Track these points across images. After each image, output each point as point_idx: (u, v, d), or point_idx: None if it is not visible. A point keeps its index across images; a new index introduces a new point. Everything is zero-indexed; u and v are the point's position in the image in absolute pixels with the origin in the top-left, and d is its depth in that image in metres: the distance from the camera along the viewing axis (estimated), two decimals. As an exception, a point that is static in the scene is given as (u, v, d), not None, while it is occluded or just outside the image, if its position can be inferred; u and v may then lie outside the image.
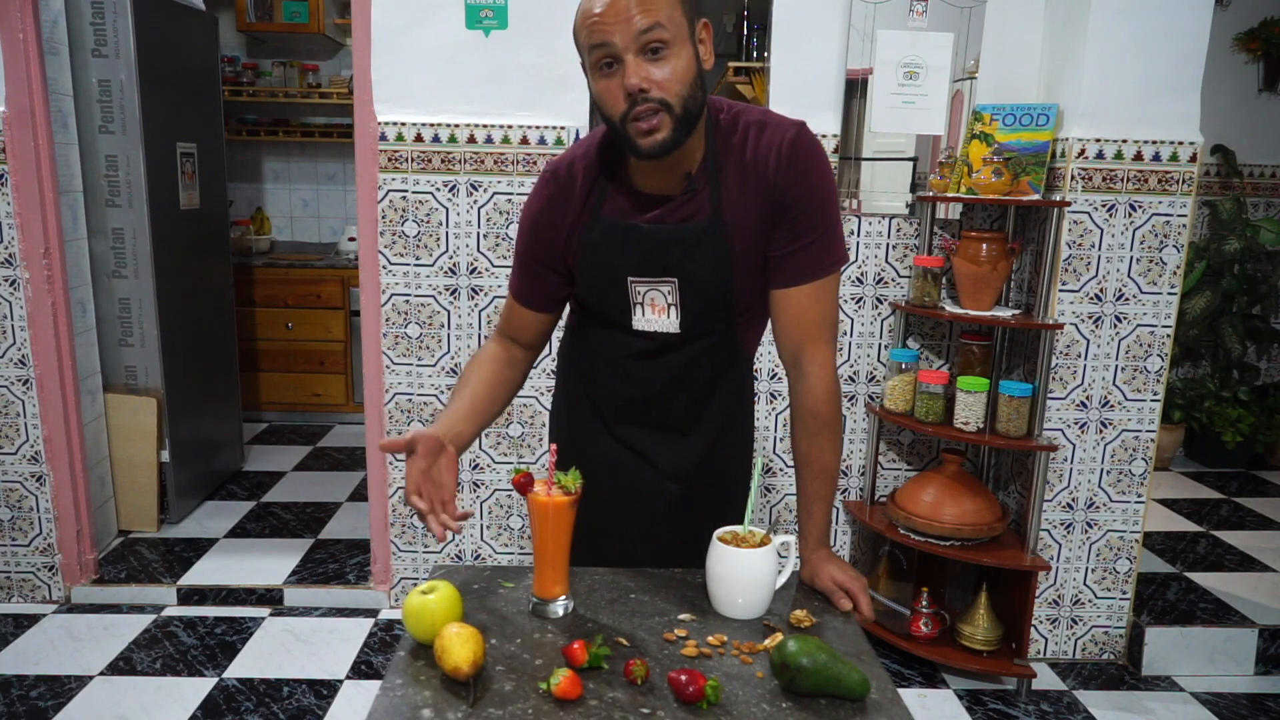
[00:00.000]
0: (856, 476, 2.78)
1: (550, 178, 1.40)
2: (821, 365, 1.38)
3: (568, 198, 1.37)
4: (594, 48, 1.20)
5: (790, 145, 1.30)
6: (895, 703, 1.07)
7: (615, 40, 1.17)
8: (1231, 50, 4.12)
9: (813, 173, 1.31)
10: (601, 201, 1.36)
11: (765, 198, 1.31)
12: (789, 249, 1.33)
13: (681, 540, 1.47)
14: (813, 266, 1.33)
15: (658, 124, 1.20)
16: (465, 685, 1.06)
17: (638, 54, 1.18)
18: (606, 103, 1.22)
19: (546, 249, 1.41)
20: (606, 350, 1.45)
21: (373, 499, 2.81)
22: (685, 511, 1.50)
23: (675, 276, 1.34)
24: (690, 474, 1.49)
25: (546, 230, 1.40)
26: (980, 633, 2.50)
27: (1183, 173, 2.41)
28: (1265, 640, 2.61)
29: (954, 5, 2.49)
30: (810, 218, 1.31)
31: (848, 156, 2.58)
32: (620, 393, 1.47)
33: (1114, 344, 2.49)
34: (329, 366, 4.53)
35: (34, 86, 2.63)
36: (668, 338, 1.39)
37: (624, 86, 1.19)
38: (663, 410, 1.47)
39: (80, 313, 2.96)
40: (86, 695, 2.38)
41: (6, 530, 2.83)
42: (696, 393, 1.46)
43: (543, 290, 1.45)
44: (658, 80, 1.19)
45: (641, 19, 1.16)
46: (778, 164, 1.30)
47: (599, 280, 1.38)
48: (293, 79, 4.73)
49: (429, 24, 2.52)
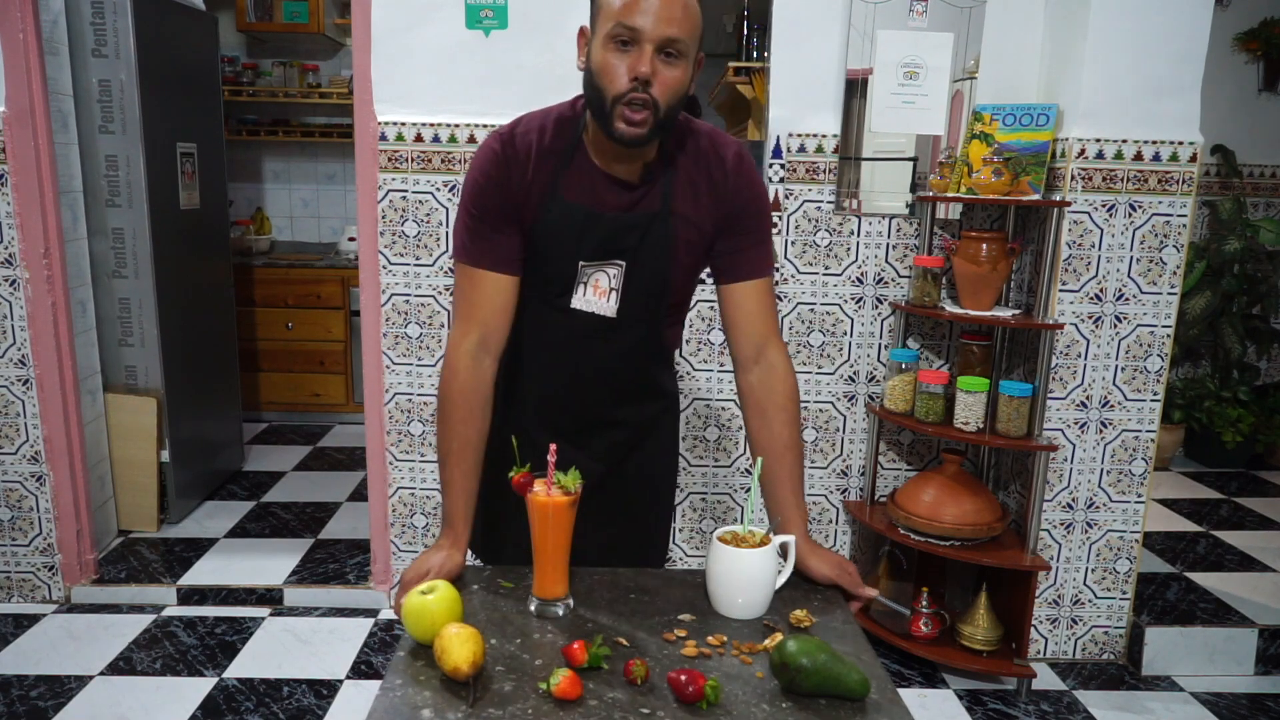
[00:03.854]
0: (856, 476, 2.78)
1: (506, 139, 1.38)
2: (785, 357, 1.47)
3: (524, 161, 1.36)
4: (621, 24, 1.23)
5: (737, 157, 1.42)
6: (895, 703, 1.07)
7: (647, 29, 1.22)
8: (1231, 50, 4.12)
9: (756, 183, 1.45)
10: (558, 180, 1.37)
11: (714, 199, 1.41)
12: (739, 246, 1.43)
13: (595, 528, 1.47)
14: (761, 264, 1.45)
15: (643, 119, 1.26)
16: (465, 685, 1.06)
17: (656, 51, 1.24)
18: (608, 76, 1.26)
19: (500, 207, 1.37)
20: (536, 335, 1.47)
21: (373, 499, 2.81)
22: (606, 497, 1.52)
23: (624, 261, 1.39)
24: (615, 459, 1.54)
25: (499, 189, 1.37)
26: (980, 633, 2.50)
27: (1183, 173, 2.41)
28: (1265, 640, 2.61)
29: (954, 5, 2.49)
30: (755, 221, 1.44)
31: (848, 156, 2.58)
32: (548, 380, 1.49)
33: (1114, 344, 2.49)
34: (329, 366, 4.53)
35: (34, 86, 2.62)
36: (601, 321, 1.42)
37: (634, 70, 1.23)
38: (588, 399, 1.50)
39: (80, 313, 2.96)
40: (86, 695, 2.38)
41: (6, 530, 2.83)
42: (622, 385, 1.51)
43: (506, 248, 1.39)
44: (662, 80, 1.25)
45: (677, 27, 1.23)
46: (728, 171, 1.40)
47: (551, 258, 1.40)
48: (293, 79, 4.73)
49: (429, 24, 2.52)
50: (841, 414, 2.75)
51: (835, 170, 2.59)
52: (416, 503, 2.80)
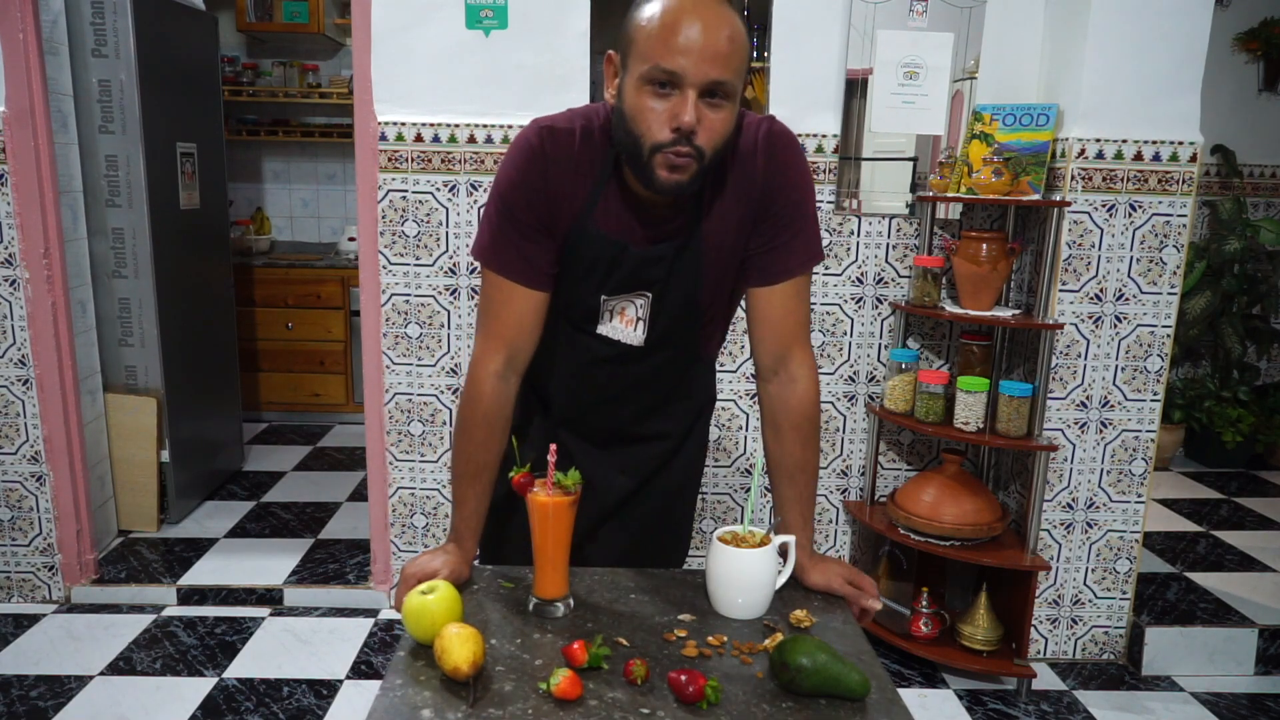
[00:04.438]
0: (856, 476, 2.78)
1: (546, 134, 1.25)
2: (809, 368, 1.36)
3: (564, 162, 1.24)
4: (661, 68, 1.10)
5: (766, 138, 1.27)
6: (895, 703, 1.07)
7: (690, 72, 1.10)
8: (1231, 50, 4.12)
9: (790, 166, 1.29)
10: (594, 204, 1.26)
11: (746, 197, 1.28)
12: (771, 244, 1.31)
13: (623, 539, 1.48)
14: (794, 262, 1.31)
15: (686, 166, 1.14)
16: (465, 685, 1.06)
17: (699, 94, 1.11)
18: (644, 121, 1.13)
19: (532, 207, 1.25)
20: (566, 354, 1.41)
21: (373, 499, 2.81)
22: (633, 509, 1.50)
23: (650, 292, 1.32)
24: (645, 473, 1.48)
25: (534, 190, 1.25)
26: (980, 633, 2.50)
27: (1183, 173, 2.41)
28: (1265, 640, 2.61)
29: (954, 5, 2.49)
30: (792, 209, 1.29)
31: (848, 156, 2.58)
32: (578, 395, 1.44)
33: (1114, 344, 2.49)
34: (329, 366, 4.53)
35: (34, 86, 2.62)
36: (629, 349, 1.36)
37: (676, 118, 1.11)
38: (619, 417, 1.45)
39: (80, 313, 2.96)
40: (86, 695, 2.38)
41: (6, 530, 2.83)
42: (655, 400, 1.44)
43: (538, 259, 1.27)
44: (709, 128, 1.13)
45: (723, 67, 1.11)
46: (757, 162, 1.27)
47: (578, 286, 1.32)
48: (293, 79, 4.73)
49: (429, 24, 2.52)
50: (841, 414, 2.75)
51: (835, 170, 2.59)
52: (416, 503, 2.80)
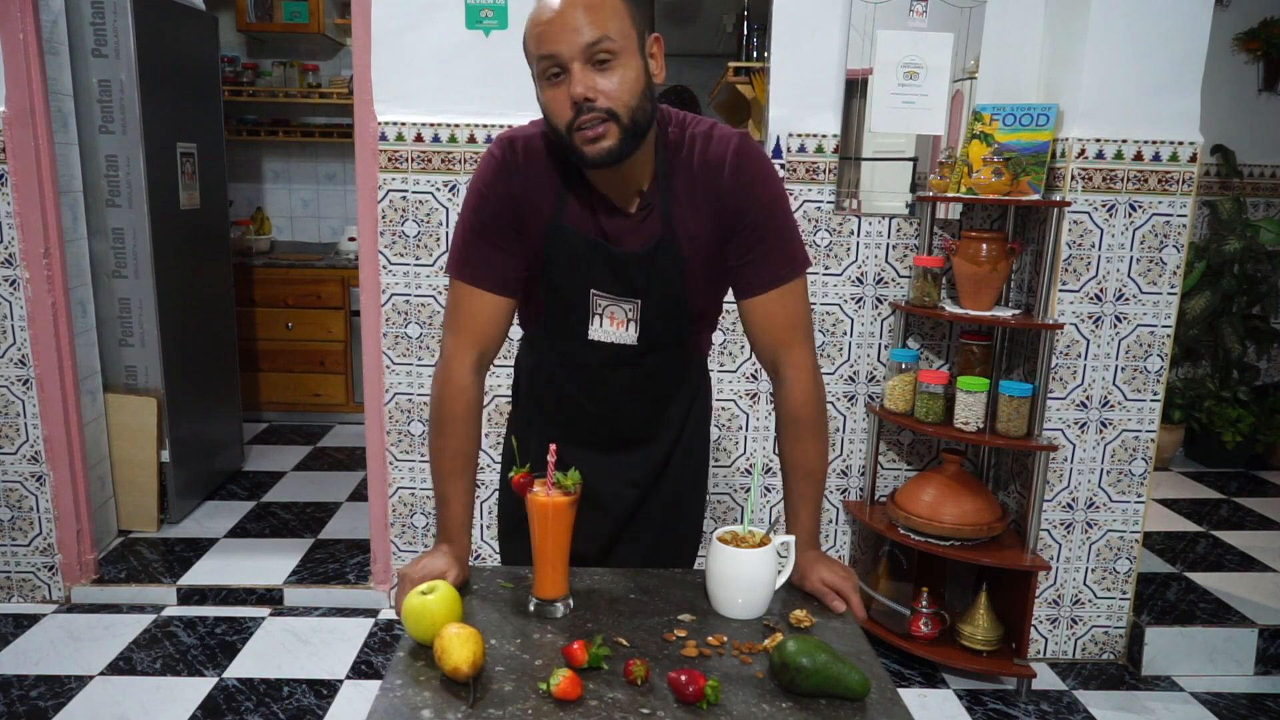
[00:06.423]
0: (856, 476, 2.78)
1: (507, 146, 1.33)
2: (799, 369, 1.38)
3: (525, 170, 1.31)
4: (541, 58, 1.18)
5: (735, 154, 1.30)
6: (895, 703, 1.07)
7: (562, 51, 1.16)
8: (1231, 50, 4.12)
9: (758, 179, 1.31)
10: (563, 204, 1.31)
11: (716, 209, 1.31)
12: (747, 259, 1.34)
13: (631, 546, 1.51)
14: (773, 274, 1.34)
15: (603, 132, 1.18)
16: (465, 686, 1.06)
17: (585, 64, 1.17)
18: (553, 112, 1.21)
19: (500, 217, 1.33)
20: (563, 364, 1.44)
21: (373, 499, 2.81)
22: (643, 523, 1.52)
23: (639, 298, 1.35)
24: (649, 480, 1.51)
25: (500, 200, 1.32)
26: (980, 633, 2.50)
27: (1183, 173, 2.41)
28: (1265, 640, 2.61)
29: (954, 5, 2.49)
30: (762, 224, 1.32)
31: (848, 156, 2.58)
32: (578, 405, 1.46)
33: (1114, 344, 2.49)
34: (329, 366, 4.53)
35: (34, 86, 2.62)
36: (622, 350, 1.39)
37: (570, 95, 1.17)
38: (620, 422, 1.47)
39: (80, 313, 2.96)
40: (86, 695, 2.38)
41: (6, 530, 2.83)
42: (652, 404, 1.48)
43: (505, 268, 1.34)
44: (604, 90, 1.18)
45: (590, 31, 1.15)
46: (725, 174, 1.30)
47: (564, 287, 1.36)
48: (293, 79, 4.73)
49: (429, 24, 2.52)
50: (841, 414, 2.75)
51: (835, 170, 2.59)
52: (416, 503, 2.80)
